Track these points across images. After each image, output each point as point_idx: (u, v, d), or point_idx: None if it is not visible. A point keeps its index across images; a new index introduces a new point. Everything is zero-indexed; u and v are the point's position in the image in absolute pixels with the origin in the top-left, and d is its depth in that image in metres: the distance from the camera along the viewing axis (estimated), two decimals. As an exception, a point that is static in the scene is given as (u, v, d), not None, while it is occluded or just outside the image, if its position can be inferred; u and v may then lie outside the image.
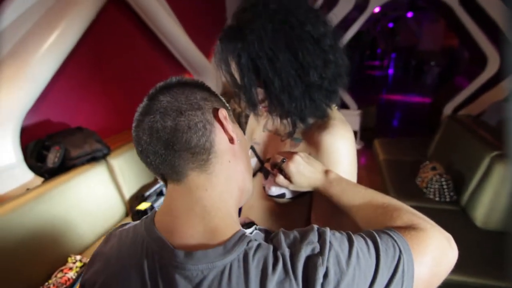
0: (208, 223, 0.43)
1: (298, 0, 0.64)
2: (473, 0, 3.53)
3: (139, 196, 1.95)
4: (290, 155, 0.66)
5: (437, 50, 10.23)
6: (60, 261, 1.58)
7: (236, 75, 0.67)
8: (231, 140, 0.47)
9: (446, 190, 2.12)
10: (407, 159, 2.85)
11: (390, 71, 11.84)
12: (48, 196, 1.60)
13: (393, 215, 0.51)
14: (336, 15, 3.93)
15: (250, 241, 0.41)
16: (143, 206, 1.63)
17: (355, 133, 4.16)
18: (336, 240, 0.42)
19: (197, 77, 3.62)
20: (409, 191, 2.30)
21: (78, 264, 1.59)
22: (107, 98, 2.46)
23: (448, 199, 2.12)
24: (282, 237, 0.42)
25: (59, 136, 1.86)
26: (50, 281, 1.48)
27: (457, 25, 4.05)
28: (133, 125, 0.46)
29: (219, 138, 0.46)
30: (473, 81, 3.90)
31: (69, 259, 1.60)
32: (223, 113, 0.46)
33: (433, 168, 2.25)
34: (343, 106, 4.47)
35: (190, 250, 0.41)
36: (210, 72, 3.58)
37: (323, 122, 0.71)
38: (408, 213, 0.51)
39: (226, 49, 0.65)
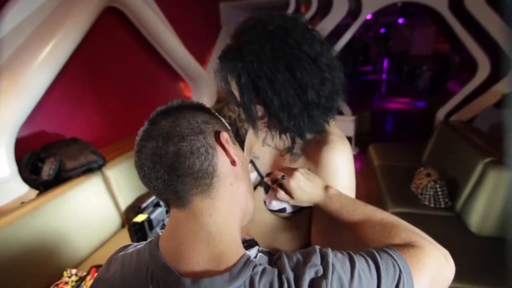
0: (214, 249, 0.43)
1: (295, 21, 0.65)
2: (463, 6, 3.61)
3: (135, 207, 1.94)
4: (290, 171, 0.66)
5: (429, 55, 10.41)
6: (56, 275, 1.56)
7: (236, 93, 0.68)
8: (233, 162, 0.48)
9: (440, 196, 2.15)
10: (402, 165, 2.87)
11: (383, 76, 11.98)
12: (43, 209, 1.58)
13: (391, 233, 0.52)
14: (329, 22, 4.02)
15: (255, 266, 0.42)
16: (140, 218, 1.61)
17: (350, 139, 4.20)
18: (338, 261, 0.43)
19: (192, 84, 3.62)
20: (404, 197, 2.32)
21: (74, 278, 1.56)
22: (102, 107, 2.45)
23: (443, 205, 2.14)
24: (286, 260, 0.43)
25: (53, 147, 1.84)
26: (45, 296, 1.46)
27: (448, 31, 4.13)
28: (135, 149, 0.46)
29: (221, 161, 0.46)
30: (464, 86, 3.97)
31: (65, 273, 1.58)
32: (224, 136, 0.46)
33: (428, 175, 2.27)
34: (338, 112, 4.52)
35: (197, 278, 0.41)
36: (205, 79, 3.59)
37: (321, 138, 0.73)
38: (406, 230, 0.52)
39: (226, 68, 0.66)
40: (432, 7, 3.75)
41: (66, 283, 1.54)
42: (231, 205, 0.47)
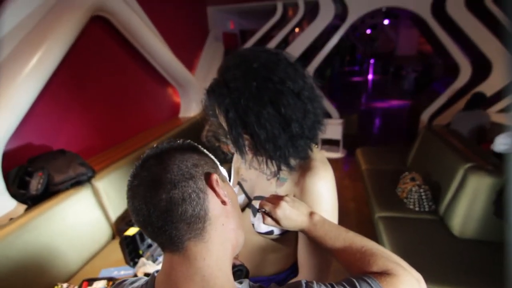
0: None
1: (277, 56, 0.68)
2: (444, 11, 3.72)
3: (126, 219, 1.94)
4: (277, 200, 0.69)
5: (414, 55, 10.62)
6: (47, 291, 1.56)
7: (224, 125, 0.71)
8: (223, 202, 0.49)
9: (425, 200, 2.22)
10: (388, 168, 2.95)
11: (370, 76, 12.15)
12: (33, 224, 1.57)
13: (370, 261, 0.56)
14: (316, 26, 4.08)
15: None
16: (132, 231, 1.62)
17: (338, 142, 4.24)
18: None
19: (181, 90, 3.62)
20: (390, 202, 2.39)
21: (65, 292, 1.56)
22: (90, 116, 2.43)
23: (427, 209, 2.22)
24: None
25: (41, 160, 1.83)
26: (36, 313, 1.46)
27: (430, 35, 4.24)
28: (128, 194, 0.47)
29: (213, 203, 0.48)
30: (448, 87, 4.09)
31: (56, 288, 1.58)
32: (214, 178, 0.48)
33: (412, 179, 2.34)
34: (326, 115, 4.61)
35: None
36: (193, 85, 3.59)
37: (305, 163, 0.76)
38: (383, 258, 0.56)
39: (214, 102, 0.69)
40: (415, 13, 3.84)
41: (57, 298, 1.54)
42: (223, 246, 0.49)
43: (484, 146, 2.52)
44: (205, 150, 0.54)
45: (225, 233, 0.50)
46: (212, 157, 0.55)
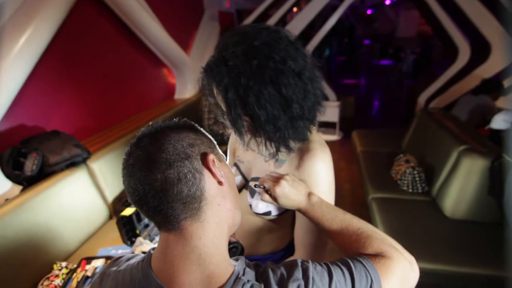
0: (204, 271, 0.45)
1: (278, 34, 0.66)
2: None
3: (122, 199, 1.95)
4: (277, 179, 0.69)
5: (414, 37, 10.45)
6: (46, 269, 1.58)
7: (222, 105, 0.69)
8: (219, 183, 0.49)
9: (418, 182, 2.25)
10: (383, 150, 2.97)
11: (369, 58, 11.98)
12: (29, 205, 1.57)
13: (365, 243, 0.57)
14: (315, 5, 3.97)
15: (244, 284, 0.45)
16: (128, 211, 1.63)
17: (334, 124, 4.24)
18: (317, 274, 0.47)
19: (176, 70, 3.56)
20: (384, 183, 2.42)
21: (64, 270, 1.59)
22: (83, 97, 2.39)
23: (420, 191, 2.26)
24: (271, 274, 0.46)
25: (35, 141, 1.81)
26: (37, 290, 1.48)
27: (430, 16, 4.17)
28: (123, 173, 0.46)
29: (209, 184, 0.47)
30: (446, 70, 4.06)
31: (55, 266, 1.60)
32: (210, 158, 0.48)
33: (407, 161, 2.37)
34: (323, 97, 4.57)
35: None
36: (188, 66, 3.53)
37: (304, 145, 0.76)
38: (378, 240, 0.57)
39: (212, 81, 0.66)
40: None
41: (57, 275, 1.56)
42: (219, 226, 0.49)
43: (481, 131, 2.53)
44: (202, 129, 0.53)
45: (221, 213, 0.50)
46: (209, 136, 0.54)
